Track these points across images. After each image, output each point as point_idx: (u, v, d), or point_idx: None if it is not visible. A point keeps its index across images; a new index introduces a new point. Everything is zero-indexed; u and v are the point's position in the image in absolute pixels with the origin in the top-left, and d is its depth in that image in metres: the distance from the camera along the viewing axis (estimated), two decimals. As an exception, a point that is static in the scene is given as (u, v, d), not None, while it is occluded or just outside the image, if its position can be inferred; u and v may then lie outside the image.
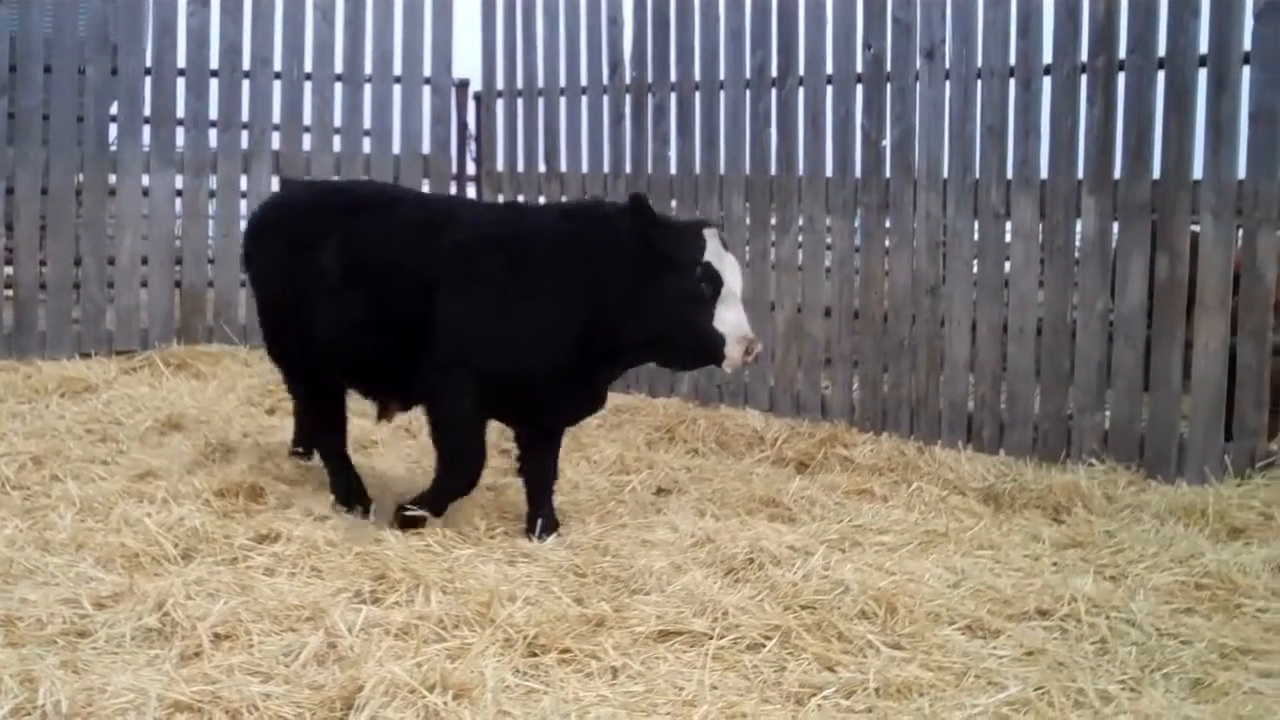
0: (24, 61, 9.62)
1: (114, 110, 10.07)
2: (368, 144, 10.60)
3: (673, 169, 9.60)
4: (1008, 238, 8.08)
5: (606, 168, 10.00)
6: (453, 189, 10.86)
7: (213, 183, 10.23)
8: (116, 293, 9.91)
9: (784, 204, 8.94)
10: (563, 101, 10.28)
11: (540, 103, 10.42)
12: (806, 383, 8.79)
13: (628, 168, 9.87)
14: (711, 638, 4.53)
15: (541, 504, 5.99)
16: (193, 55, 10.10)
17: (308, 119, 10.42)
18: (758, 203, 9.07)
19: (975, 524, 6.33)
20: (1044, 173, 7.83)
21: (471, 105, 11.05)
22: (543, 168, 10.44)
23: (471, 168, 11.12)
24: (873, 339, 8.54)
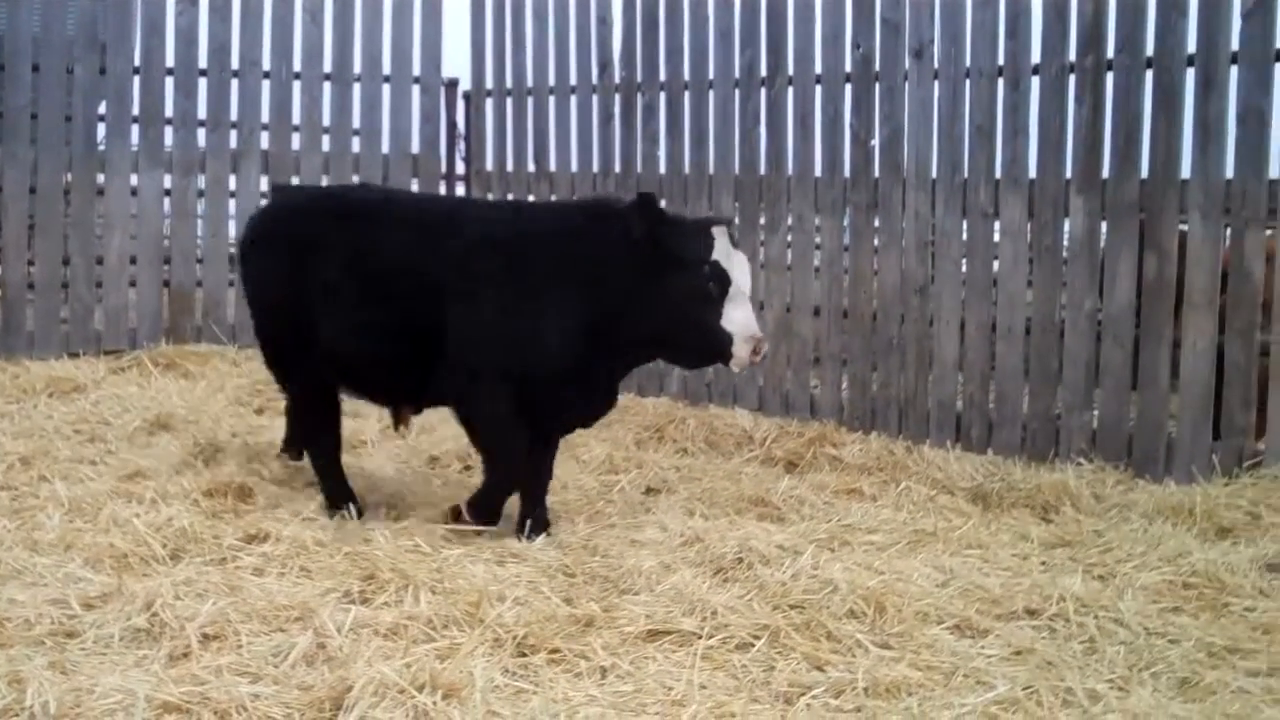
0: (12, 60, 9.62)
1: (102, 109, 10.06)
2: (357, 143, 10.60)
3: (662, 168, 9.60)
4: (996, 237, 8.08)
5: (596, 167, 9.99)
6: (442, 188, 10.86)
7: (201, 182, 10.24)
8: (105, 292, 9.90)
9: (773, 203, 8.94)
10: (552, 101, 10.28)
11: (529, 102, 10.42)
12: (795, 382, 8.80)
13: (617, 167, 9.87)
14: (700, 637, 4.53)
15: (534, 504, 5.99)
16: (181, 55, 10.10)
17: (296, 118, 10.41)
18: (747, 202, 9.07)
19: (964, 523, 6.34)
20: (1032, 172, 7.84)
21: (461, 105, 11.06)
22: (532, 167, 10.43)
23: (461, 167, 11.13)
24: (861, 338, 8.54)
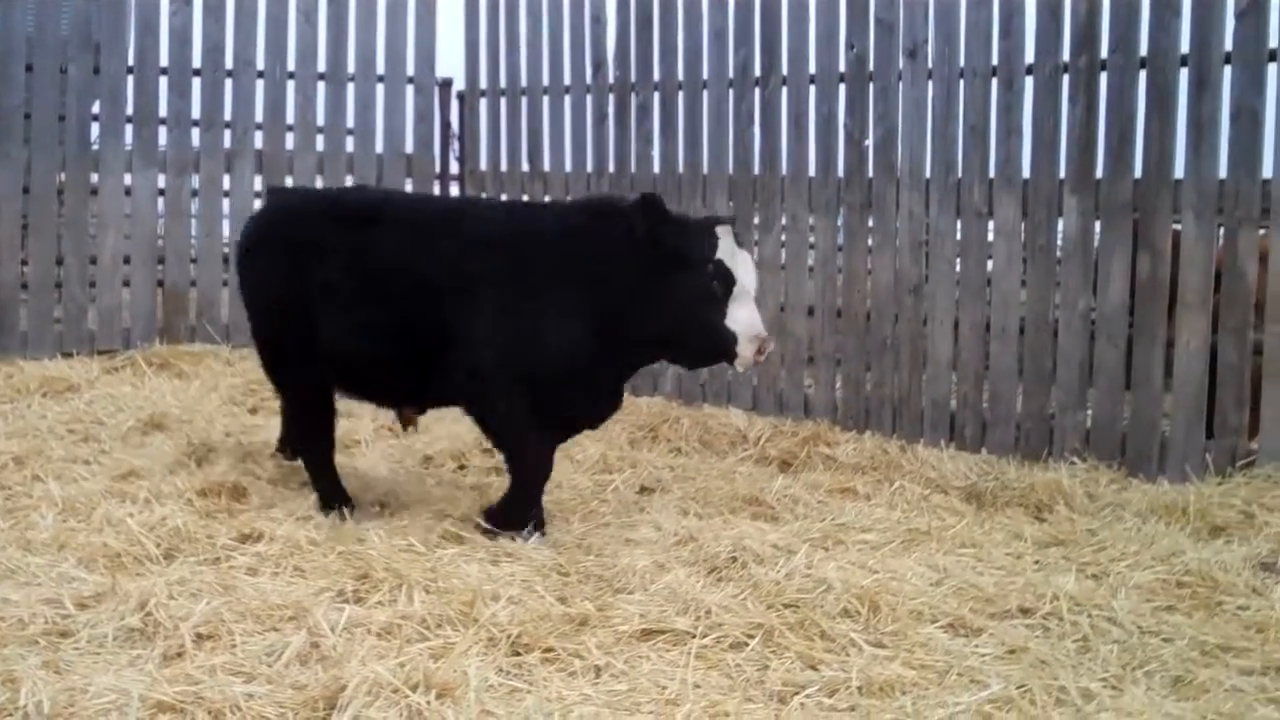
0: (6, 60, 9.57)
1: (96, 109, 10.03)
2: (351, 143, 10.57)
3: (656, 168, 9.60)
4: (990, 237, 8.09)
5: (590, 167, 10.00)
6: (436, 188, 10.85)
7: (195, 182, 10.20)
8: (98, 292, 9.87)
9: (767, 203, 8.94)
10: (546, 100, 10.28)
11: (524, 102, 10.41)
12: (789, 381, 8.80)
13: (611, 167, 9.87)
14: (694, 636, 4.54)
15: (530, 504, 5.97)
16: (175, 54, 10.07)
17: (290, 118, 10.39)
18: (741, 202, 9.07)
19: (958, 522, 6.34)
20: (1026, 172, 7.85)
21: (455, 104, 11.04)
22: (526, 167, 10.43)
23: (455, 167, 11.11)
24: (856, 338, 8.54)
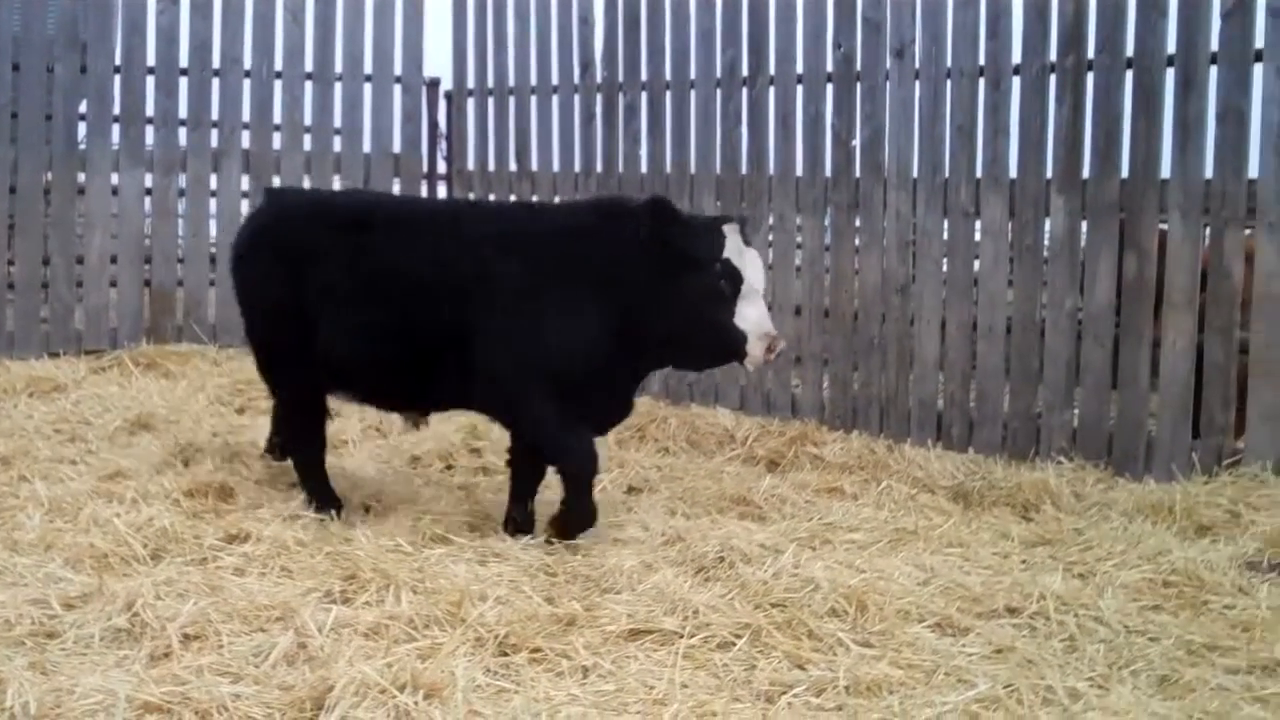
0: (-9, 59, 9.57)
1: (83, 108, 10.01)
2: (338, 143, 10.56)
3: (643, 168, 9.60)
4: (977, 237, 8.11)
5: (577, 167, 9.99)
6: (424, 188, 10.85)
7: (182, 181, 10.19)
8: (85, 292, 9.85)
9: (754, 203, 8.94)
10: (534, 100, 10.27)
11: (511, 102, 10.40)
12: (777, 381, 8.79)
13: (599, 167, 9.86)
14: (682, 636, 4.54)
15: (524, 503, 6.01)
16: (162, 53, 10.05)
17: (278, 117, 10.37)
18: (728, 202, 9.06)
19: (945, 522, 6.35)
20: (1013, 172, 7.86)
21: (442, 104, 11.03)
22: (513, 166, 10.42)
23: (442, 166, 11.10)
24: (843, 338, 8.55)
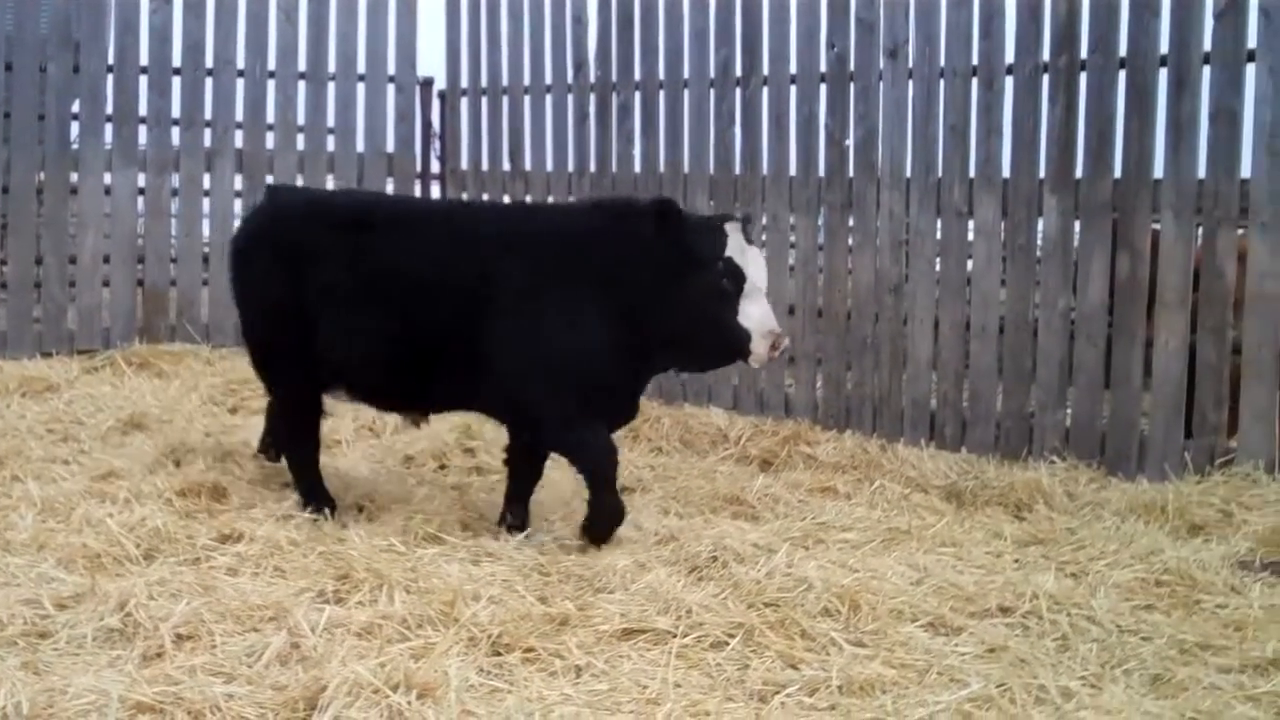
0: (-15, 59, 9.55)
1: (76, 108, 10.00)
2: (332, 142, 10.55)
3: (637, 168, 9.60)
4: (970, 236, 8.12)
5: (571, 166, 9.99)
6: (417, 188, 10.84)
7: (175, 181, 10.18)
8: (78, 292, 9.83)
9: (748, 203, 8.93)
10: (527, 100, 10.28)
11: (505, 101, 10.40)
12: (770, 381, 8.79)
13: (592, 166, 9.87)
14: (675, 636, 4.54)
15: (519, 503, 6.03)
16: (155, 53, 10.03)
17: (271, 117, 10.36)
18: (722, 201, 9.06)
19: (937, 521, 6.36)
20: (1006, 172, 7.86)
21: (436, 104, 11.02)
22: (507, 166, 10.42)
23: (436, 166, 11.10)
24: (836, 337, 8.55)
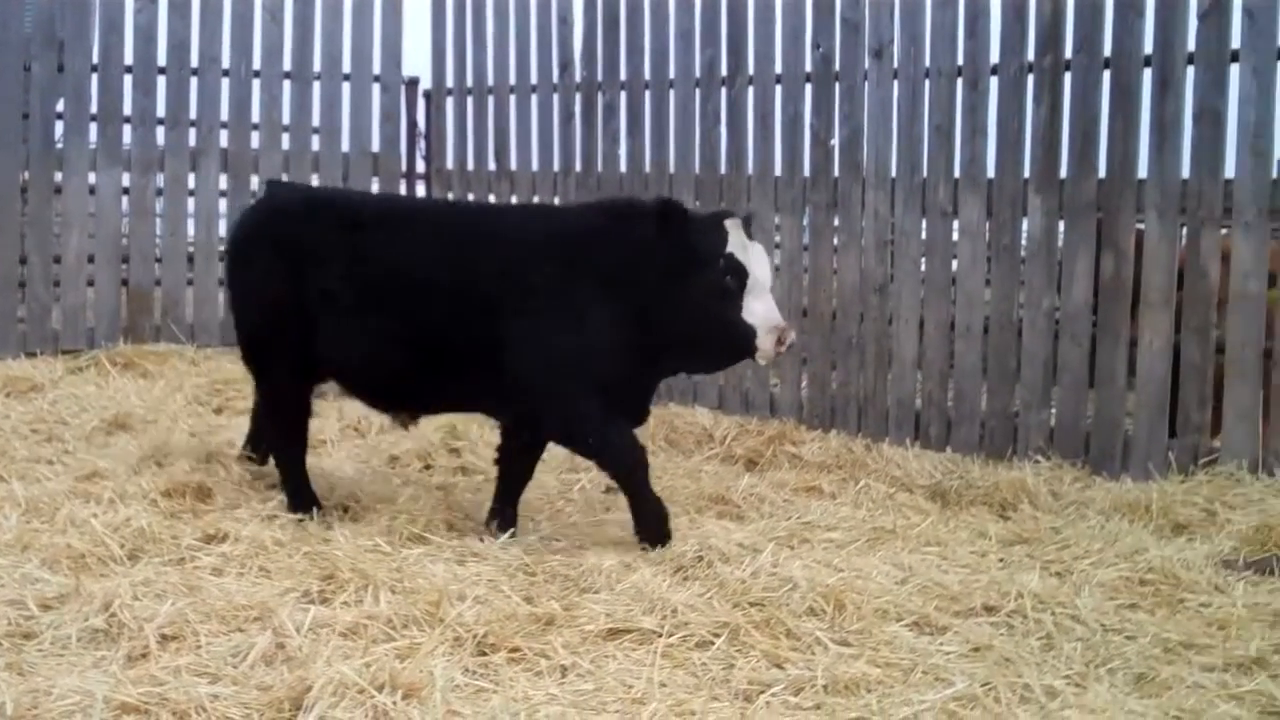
0: (-32, 58, 9.51)
1: (60, 107, 9.96)
2: (316, 142, 10.55)
3: (622, 167, 9.61)
4: (955, 236, 8.14)
5: (556, 166, 10.00)
6: (402, 187, 10.83)
7: (160, 181, 10.15)
8: (62, 291, 9.80)
9: (733, 202, 8.91)
10: (513, 100, 10.28)
11: (490, 101, 10.41)
12: (755, 380, 8.80)
13: (578, 166, 9.88)
14: (660, 635, 4.53)
15: (508, 503, 6.02)
16: (140, 52, 10.00)
17: (256, 117, 10.34)
18: (707, 201, 9.05)
19: (922, 521, 6.36)
20: (991, 172, 7.88)
21: (421, 103, 11.03)
22: (492, 166, 10.43)
23: (421, 166, 11.09)
24: (821, 337, 8.56)
